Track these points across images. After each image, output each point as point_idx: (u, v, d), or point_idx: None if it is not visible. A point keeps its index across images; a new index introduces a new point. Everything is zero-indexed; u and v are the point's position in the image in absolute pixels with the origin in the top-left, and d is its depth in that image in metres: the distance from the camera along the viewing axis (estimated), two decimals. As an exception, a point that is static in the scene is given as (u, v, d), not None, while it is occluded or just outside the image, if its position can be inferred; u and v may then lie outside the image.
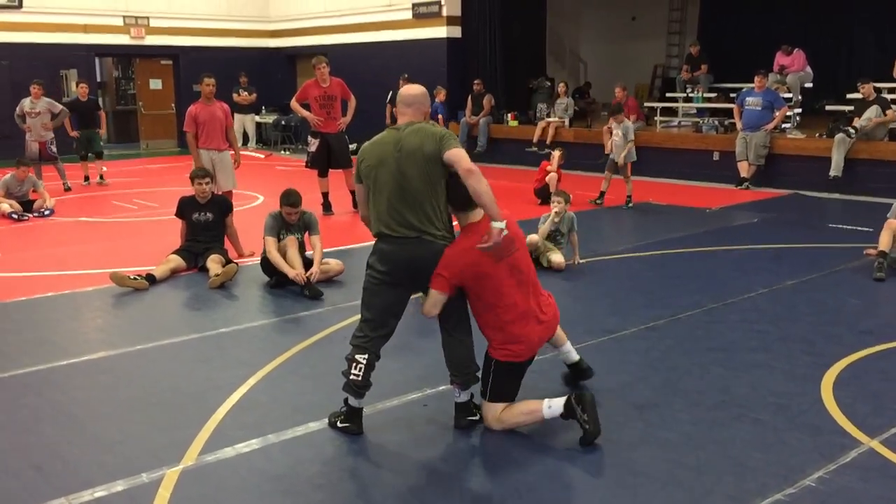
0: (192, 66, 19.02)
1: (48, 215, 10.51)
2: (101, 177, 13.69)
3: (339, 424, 4.05)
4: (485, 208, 3.74)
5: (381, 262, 3.89)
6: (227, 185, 9.28)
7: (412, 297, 4.13)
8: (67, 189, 12.80)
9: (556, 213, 7.29)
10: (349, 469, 3.69)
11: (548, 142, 14.69)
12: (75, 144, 13.69)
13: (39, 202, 10.73)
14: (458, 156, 3.75)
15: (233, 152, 9.42)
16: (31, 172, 11.19)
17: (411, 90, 4.03)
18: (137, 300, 6.55)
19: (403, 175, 3.82)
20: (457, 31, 17.01)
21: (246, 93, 19.09)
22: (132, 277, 6.81)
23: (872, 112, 11.40)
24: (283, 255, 6.73)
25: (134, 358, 5.19)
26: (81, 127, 13.62)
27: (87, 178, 13.61)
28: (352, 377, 3.95)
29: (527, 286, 3.97)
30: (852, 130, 11.37)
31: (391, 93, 15.41)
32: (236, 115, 19.30)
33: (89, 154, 13.59)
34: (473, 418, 4.09)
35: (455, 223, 4.01)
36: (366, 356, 3.95)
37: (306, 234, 7.03)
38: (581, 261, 7.43)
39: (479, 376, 4.05)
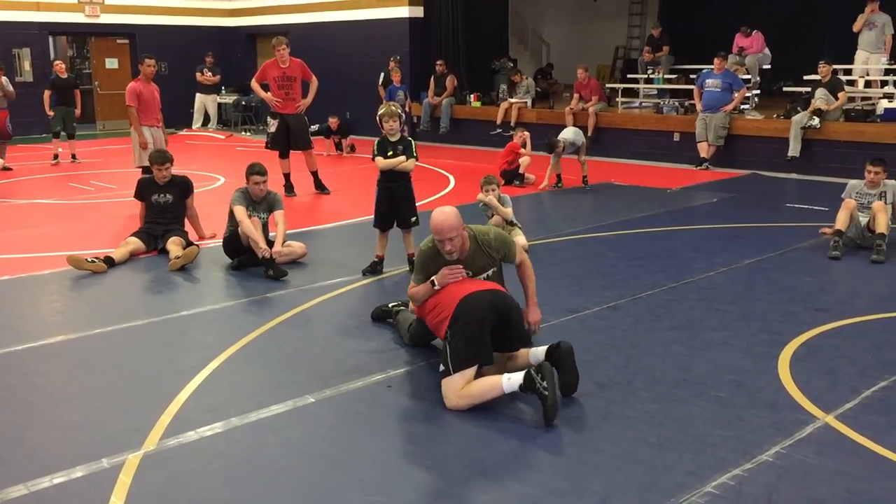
0: (148, 45, 18.64)
1: None
2: (73, 156, 13.73)
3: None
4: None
5: None
6: None
7: None
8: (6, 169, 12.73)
9: (488, 198, 7.33)
10: (313, 452, 3.68)
11: (512, 123, 14.71)
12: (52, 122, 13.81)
13: None
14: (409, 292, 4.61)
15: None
16: None
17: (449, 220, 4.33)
18: (96, 283, 6.46)
19: None
20: (419, 11, 16.90)
21: (210, 73, 18.81)
22: (90, 260, 6.70)
23: (821, 93, 11.57)
24: (246, 235, 6.65)
25: (93, 342, 5.11)
26: (59, 104, 13.72)
27: (56, 157, 13.62)
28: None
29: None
30: (817, 121, 11.48)
31: (382, 75, 15.36)
32: (198, 95, 19.05)
33: (62, 133, 13.69)
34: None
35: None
36: None
37: (270, 216, 6.97)
38: (517, 223, 7.43)
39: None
